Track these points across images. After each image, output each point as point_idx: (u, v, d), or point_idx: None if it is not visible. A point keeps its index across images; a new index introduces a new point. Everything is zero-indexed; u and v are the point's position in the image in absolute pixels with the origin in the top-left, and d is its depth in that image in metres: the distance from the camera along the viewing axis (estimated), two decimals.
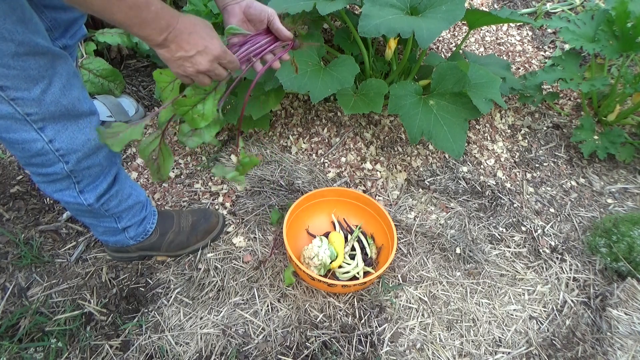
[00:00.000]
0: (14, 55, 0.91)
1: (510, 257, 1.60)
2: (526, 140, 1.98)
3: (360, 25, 1.48)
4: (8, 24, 0.88)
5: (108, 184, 1.21)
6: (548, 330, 1.43)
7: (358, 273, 1.46)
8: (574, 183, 1.85)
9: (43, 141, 1.03)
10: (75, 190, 1.16)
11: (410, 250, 1.58)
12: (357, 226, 1.58)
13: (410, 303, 1.45)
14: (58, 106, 1.02)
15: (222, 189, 1.69)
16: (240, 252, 1.53)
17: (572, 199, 1.79)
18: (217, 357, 1.30)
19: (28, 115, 0.99)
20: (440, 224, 1.65)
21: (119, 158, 1.25)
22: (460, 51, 1.98)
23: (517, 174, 1.85)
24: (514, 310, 1.47)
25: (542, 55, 2.36)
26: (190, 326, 1.36)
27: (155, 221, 1.42)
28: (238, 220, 1.61)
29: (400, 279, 1.50)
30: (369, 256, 1.51)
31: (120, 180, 1.26)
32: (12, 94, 0.95)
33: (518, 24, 2.51)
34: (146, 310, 1.38)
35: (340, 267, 1.46)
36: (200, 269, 1.47)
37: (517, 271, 1.56)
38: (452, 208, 1.71)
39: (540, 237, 1.66)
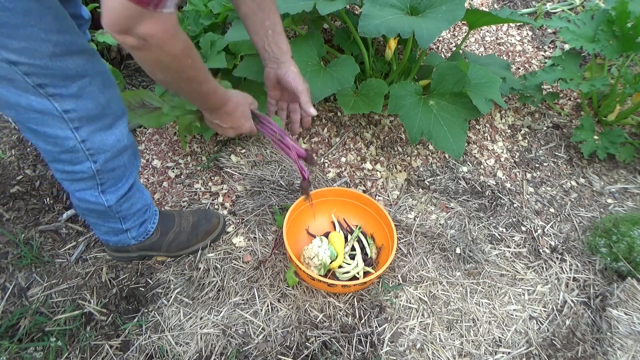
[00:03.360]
0: (52, 56, 0.93)
1: (510, 257, 1.60)
2: (526, 140, 1.98)
3: (360, 25, 1.48)
4: (44, 23, 0.89)
5: (129, 186, 1.24)
6: (548, 330, 1.43)
7: (358, 273, 1.45)
8: (574, 183, 1.85)
9: (75, 140, 1.05)
10: (97, 191, 1.18)
11: (410, 250, 1.58)
12: (357, 226, 1.58)
13: (410, 303, 1.45)
14: (95, 104, 1.04)
15: (222, 189, 1.69)
16: (240, 252, 1.53)
17: (572, 199, 1.79)
18: (217, 357, 1.30)
19: (65, 112, 1.01)
20: (440, 224, 1.65)
21: (139, 160, 1.27)
22: (460, 51, 1.98)
23: (517, 174, 1.85)
24: (514, 310, 1.47)
25: (542, 55, 2.36)
26: (190, 326, 1.36)
27: (156, 221, 1.42)
28: (238, 220, 1.61)
29: (400, 279, 1.50)
30: (369, 256, 1.51)
31: (136, 183, 1.29)
32: (51, 91, 0.97)
33: (518, 24, 2.51)
34: (146, 310, 1.38)
35: (340, 267, 1.46)
36: (200, 269, 1.47)
37: (517, 271, 1.56)
38: (452, 208, 1.71)
39: (540, 237, 1.66)
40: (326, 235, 1.53)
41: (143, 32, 0.85)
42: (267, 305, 1.41)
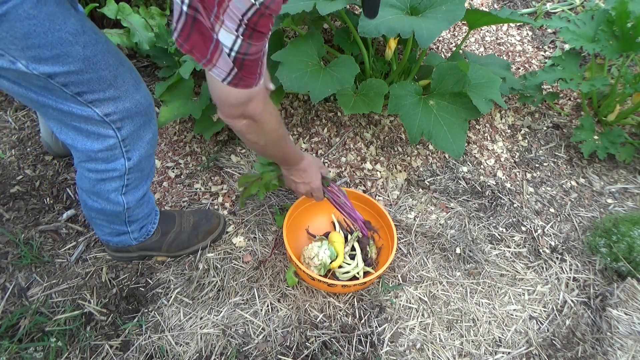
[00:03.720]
0: (84, 59, 0.94)
1: (510, 257, 1.60)
2: (526, 140, 1.98)
3: (360, 25, 1.48)
4: (69, 26, 0.91)
5: (146, 190, 1.28)
6: (548, 330, 1.43)
7: (358, 273, 1.45)
8: (574, 183, 1.85)
9: (117, 138, 1.08)
10: (121, 192, 1.21)
11: (410, 250, 1.58)
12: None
13: (410, 303, 1.45)
14: (133, 103, 1.06)
15: (222, 189, 1.69)
16: (240, 252, 1.53)
17: (572, 199, 1.79)
18: (217, 357, 1.30)
19: (107, 116, 1.04)
20: (440, 224, 1.65)
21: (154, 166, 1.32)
22: (460, 51, 1.98)
23: (517, 174, 1.85)
24: (514, 310, 1.47)
25: (542, 55, 2.36)
26: (190, 326, 1.36)
27: (157, 221, 1.42)
28: (238, 220, 1.61)
29: (400, 279, 1.50)
30: (369, 256, 1.51)
31: (149, 189, 1.32)
32: (90, 97, 0.99)
33: (518, 24, 2.51)
34: (146, 310, 1.38)
35: (340, 267, 1.46)
36: (200, 268, 1.47)
37: (517, 271, 1.56)
38: (452, 208, 1.71)
39: (540, 237, 1.66)
40: (326, 235, 1.53)
41: (252, 111, 1.02)
42: (267, 305, 1.41)
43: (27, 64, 0.89)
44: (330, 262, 1.42)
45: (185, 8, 0.83)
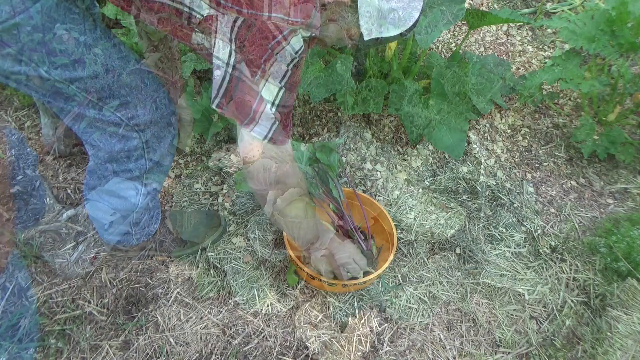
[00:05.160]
0: (103, 63, 0.95)
1: (510, 257, 1.60)
2: (526, 140, 1.98)
3: None
4: (87, 28, 0.91)
5: (159, 189, 1.30)
6: (548, 330, 1.43)
7: None
8: (574, 183, 1.85)
9: (140, 139, 1.09)
10: (140, 192, 1.22)
11: (410, 250, 1.58)
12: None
13: (410, 303, 1.45)
14: (154, 104, 1.07)
15: (222, 189, 1.69)
16: (240, 252, 1.53)
17: (572, 199, 1.79)
18: (217, 357, 1.30)
19: (130, 119, 1.04)
20: (440, 224, 1.65)
21: None
22: (460, 51, 1.98)
23: (517, 174, 1.85)
24: (514, 310, 1.47)
25: (542, 55, 2.36)
26: (190, 326, 1.36)
27: (159, 221, 1.42)
28: (238, 220, 1.61)
29: (400, 279, 1.50)
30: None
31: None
32: (112, 102, 1.00)
33: (518, 24, 2.51)
34: (146, 310, 1.38)
35: None
36: (200, 268, 1.47)
37: (517, 271, 1.56)
38: (452, 208, 1.71)
39: (540, 237, 1.66)
40: None
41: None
42: (267, 305, 1.41)
43: (49, 70, 0.89)
44: None
45: (230, 70, 0.88)
